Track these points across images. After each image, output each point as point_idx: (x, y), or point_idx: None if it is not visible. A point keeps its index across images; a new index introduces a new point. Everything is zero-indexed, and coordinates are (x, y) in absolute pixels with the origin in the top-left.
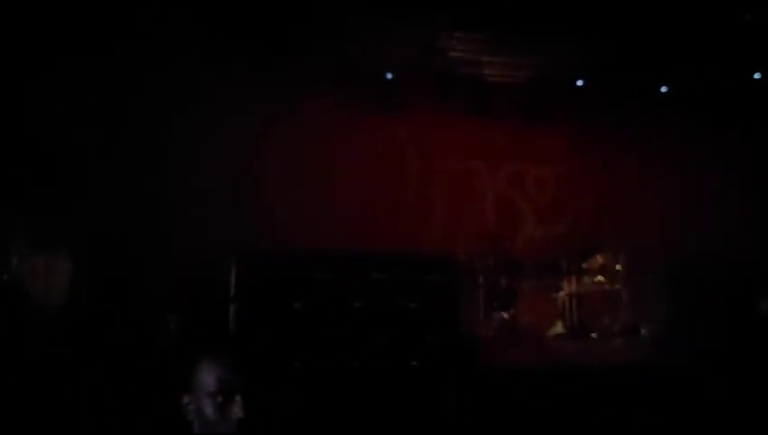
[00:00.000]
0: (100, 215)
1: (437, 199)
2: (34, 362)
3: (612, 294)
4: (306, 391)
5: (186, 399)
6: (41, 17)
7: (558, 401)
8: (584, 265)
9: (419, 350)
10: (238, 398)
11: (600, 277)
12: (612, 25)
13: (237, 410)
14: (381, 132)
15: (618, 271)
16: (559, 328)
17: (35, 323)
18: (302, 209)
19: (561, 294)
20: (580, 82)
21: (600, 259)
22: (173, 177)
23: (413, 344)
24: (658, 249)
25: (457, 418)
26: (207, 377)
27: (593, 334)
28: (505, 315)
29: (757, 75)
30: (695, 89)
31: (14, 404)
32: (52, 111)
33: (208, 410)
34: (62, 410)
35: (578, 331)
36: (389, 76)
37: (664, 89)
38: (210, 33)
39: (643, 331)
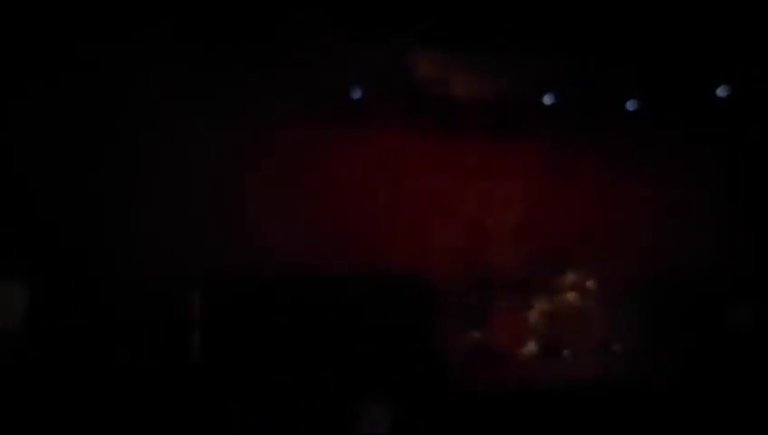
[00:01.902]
0: (59, 235)
1: (407, 218)
2: None
3: (584, 311)
4: (277, 414)
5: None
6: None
7: (531, 420)
8: (556, 283)
9: (391, 371)
10: None
11: (571, 295)
12: (581, 42)
13: None
14: (349, 150)
15: (589, 288)
16: (531, 347)
17: None
18: (270, 229)
19: (533, 312)
20: (548, 99)
21: (571, 276)
22: (139, 198)
23: (384, 366)
24: (629, 265)
25: None
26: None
27: (566, 352)
28: (477, 335)
29: (723, 91)
30: (662, 104)
31: None
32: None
33: None
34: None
35: (550, 349)
36: (357, 94)
37: (632, 105)
38: (181, 51)
39: (616, 347)
